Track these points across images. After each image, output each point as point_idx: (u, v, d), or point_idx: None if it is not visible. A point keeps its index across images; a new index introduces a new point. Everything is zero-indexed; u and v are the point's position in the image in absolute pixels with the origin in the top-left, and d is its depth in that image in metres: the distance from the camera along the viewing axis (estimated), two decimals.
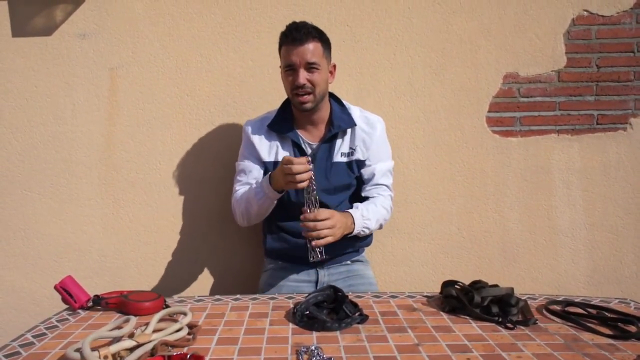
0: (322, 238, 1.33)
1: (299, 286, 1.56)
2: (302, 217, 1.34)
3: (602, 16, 1.91)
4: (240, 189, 1.58)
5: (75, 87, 1.86)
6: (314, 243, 1.33)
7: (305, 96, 1.48)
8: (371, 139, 1.58)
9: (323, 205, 1.40)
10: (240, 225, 1.62)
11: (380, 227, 1.60)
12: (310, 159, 1.33)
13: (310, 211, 1.34)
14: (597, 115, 1.95)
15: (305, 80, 1.46)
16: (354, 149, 1.57)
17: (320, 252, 1.36)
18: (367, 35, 1.89)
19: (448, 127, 1.93)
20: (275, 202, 1.49)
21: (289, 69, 1.48)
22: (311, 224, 1.33)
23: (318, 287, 1.55)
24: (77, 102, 1.87)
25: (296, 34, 1.45)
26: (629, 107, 1.94)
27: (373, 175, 1.59)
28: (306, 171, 1.30)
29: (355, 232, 1.47)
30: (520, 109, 1.94)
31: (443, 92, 1.92)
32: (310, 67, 1.46)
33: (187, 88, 1.88)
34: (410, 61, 1.90)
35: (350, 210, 1.48)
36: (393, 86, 1.91)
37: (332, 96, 1.62)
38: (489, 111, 1.93)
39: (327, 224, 1.33)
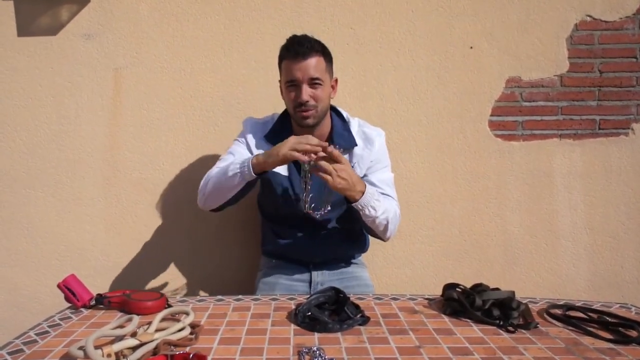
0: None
1: (292, 285, 1.55)
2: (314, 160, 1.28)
3: (605, 21, 1.91)
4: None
5: (79, 87, 1.87)
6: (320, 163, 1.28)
7: (309, 112, 1.42)
8: (369, 155, 1.51)
9: (317, 220, 1.41)
10: (199, 205, 1.51)
11: (386, 227, 1.44)
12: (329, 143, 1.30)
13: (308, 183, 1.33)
14: (599, 120, 1.95)
15: (309, 97, 1.40)
16: (352, 166, 1.50)
17: (323, 209, 1.34)
18: (370, 38, 1.89)
19: (450, 130, 1.94)
20: (240, 187, 1.38)
21: (291, 85, 1.42)
22: (325, 163, 1.27)
23: (312, 287, 1.54)
24: (81, 102, 1.87)
25: (299, 48, 1.39)
26: (631, 113, 1.95)
27: (373, 184, 1.49)
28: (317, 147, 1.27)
29: (361, 202, 1.34)
30: (522, 113, 1.95)
31: (446, 95, 1.92)
32: (313, 82, 1.40)
33: (191, 89, 1.88)
34: (413, 64, 1.91)
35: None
36: (396, 89, 1.91)
37: (334, 109, 1.56)
38: (491, 115, 1.94)
39: (341, 170, 1.28)
